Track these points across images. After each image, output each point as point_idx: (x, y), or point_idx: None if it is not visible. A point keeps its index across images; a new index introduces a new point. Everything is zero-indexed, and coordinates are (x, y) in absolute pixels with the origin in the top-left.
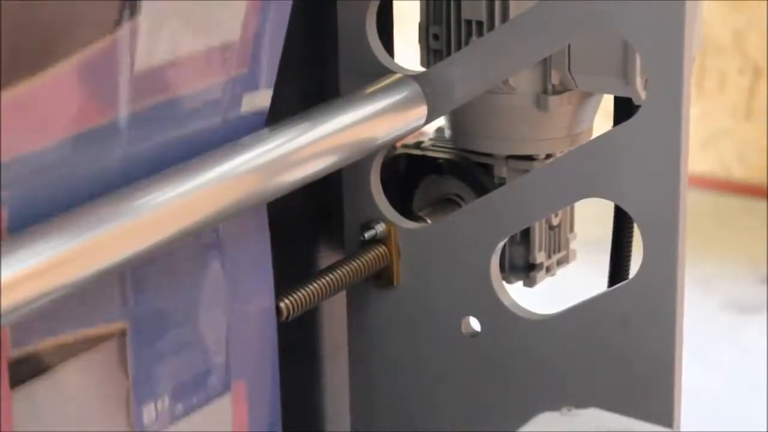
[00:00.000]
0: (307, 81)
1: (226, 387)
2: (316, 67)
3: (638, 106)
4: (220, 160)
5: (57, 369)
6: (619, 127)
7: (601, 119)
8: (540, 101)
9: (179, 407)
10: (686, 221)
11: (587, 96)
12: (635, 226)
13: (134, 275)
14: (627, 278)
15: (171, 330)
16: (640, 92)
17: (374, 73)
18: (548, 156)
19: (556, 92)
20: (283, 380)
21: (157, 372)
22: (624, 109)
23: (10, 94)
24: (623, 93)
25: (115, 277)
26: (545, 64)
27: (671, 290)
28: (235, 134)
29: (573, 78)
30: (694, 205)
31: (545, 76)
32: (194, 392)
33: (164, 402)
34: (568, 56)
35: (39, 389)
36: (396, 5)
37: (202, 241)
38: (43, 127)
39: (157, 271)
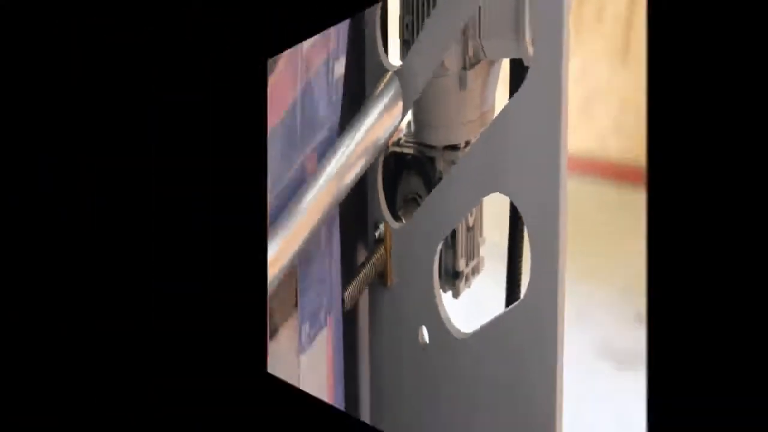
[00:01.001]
0: None
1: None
2: None
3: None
4: None
5: None
6: (508, 102)
7: None
8: (461, 80)
9: None
10: (567, 216)
11: (491, 65)
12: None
13: None
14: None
15: None
16: (528, 50)
17: (373, 73)
18: (467, 144)
19: (471, 66)
20: None
21: None
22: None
23: None
24: (517, 54)
25: None
26: (465, 38)
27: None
28: None
29: (482, 46)
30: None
31: (465, 51)
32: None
33: None
34: (479, 24)
35: None
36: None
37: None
38: None
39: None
